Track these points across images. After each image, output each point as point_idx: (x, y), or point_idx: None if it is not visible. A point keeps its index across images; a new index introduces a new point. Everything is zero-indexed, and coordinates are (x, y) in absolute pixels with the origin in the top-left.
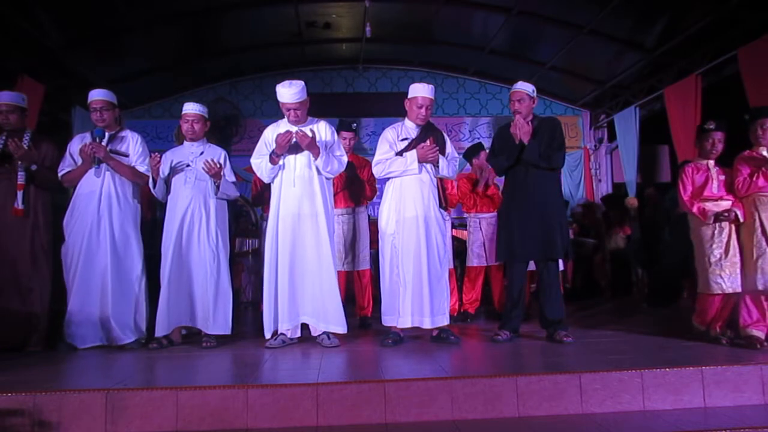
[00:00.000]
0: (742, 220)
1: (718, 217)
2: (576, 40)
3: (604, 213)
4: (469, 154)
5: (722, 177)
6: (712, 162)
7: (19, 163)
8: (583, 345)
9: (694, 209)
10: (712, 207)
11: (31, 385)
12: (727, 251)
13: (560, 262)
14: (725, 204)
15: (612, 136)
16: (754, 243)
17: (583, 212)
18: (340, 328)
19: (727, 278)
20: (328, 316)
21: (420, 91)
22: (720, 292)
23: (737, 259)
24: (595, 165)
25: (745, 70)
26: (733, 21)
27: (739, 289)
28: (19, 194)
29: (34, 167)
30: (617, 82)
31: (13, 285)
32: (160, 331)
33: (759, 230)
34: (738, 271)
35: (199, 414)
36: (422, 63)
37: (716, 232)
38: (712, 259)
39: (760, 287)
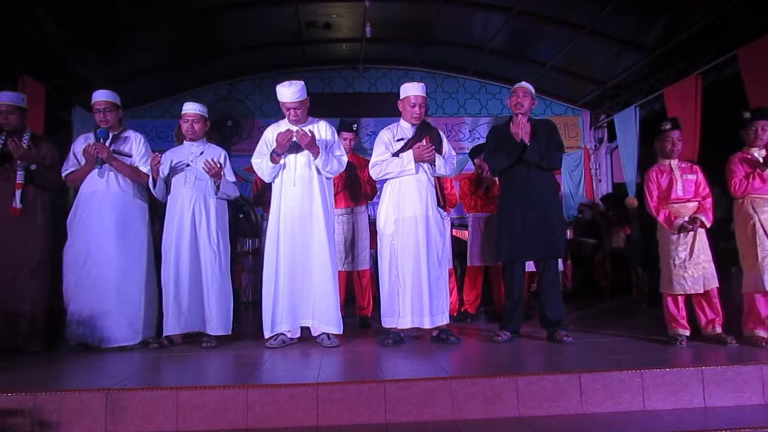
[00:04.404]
0: (708, 225)
1: (683, 228)
2: (576, 40)
3: (604, 213)
4: (474, 153)
5: (690, 176)
6: (675, 162)
7: (19, 162)
8: (583, 345)
9: (660, 217)
10: (679, 210)
11: (31, 385)
12: (691, 253)
13: (560, 262)
14: (692, 206)
15: (612, 136)
16: (757, 244)
17: (585, 212)
18: (336, 328)
19: (689, 279)
20: (325, 317)
21: (411, 89)
22: (682, 292)
23: (701, 259)
24: (595, 165)
25: (745, 70)
26: (733, 21)
27: (701, 290)
28: (17, 193)
29: (33, 167)
30: (617, 82)
31: (12, 285)
32: (167, 331)
33: (761, 231)
34: (701, 272)
35: (199, 414)
36: (422, 63)
37: (682, 233)
38: (677, 261)
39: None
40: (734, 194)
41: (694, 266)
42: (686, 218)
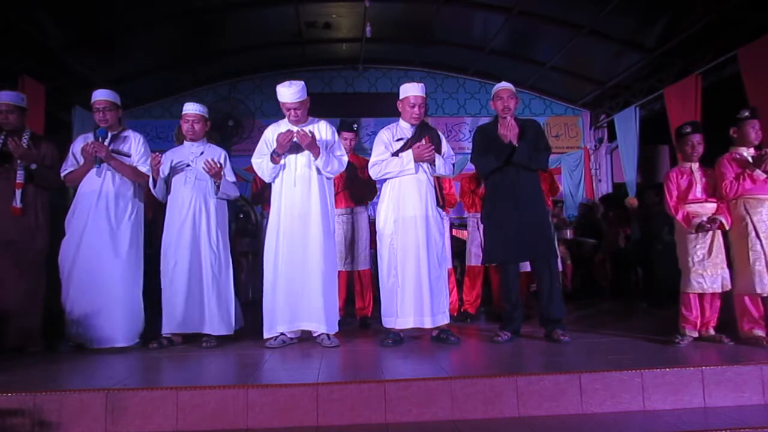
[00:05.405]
0: (728, 227)
1: (701, 227)
2: (576, 40)
3: (603, 213)
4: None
5: (705, 179)
6: (695, 165)
7: (19, 162)
8: (583, 345)
9: (679, 216)
10: (697, 210)
11: (31, 385)
12: (710, 252)
13: (559, 262)
14: (710, 206)
15: (612, 136)
16: (749, 246)
17: (584, 212)
18: (331, 328)
19: (708, 278)
20: (323, 317)
21: (411, 90)
22: (700, 291)
23: (719, 260)
24: (595, 165)
25: (745, 70)
26: (733, 21)
27: (719, 290)
28: (18, 193)
29: (33, 166)
30: (617, 82)
31: (11, 285)
32: (167, 331)
33: (753, 233)
34: (719, 271)
35: (199, 414)
36: (422, 63)
37: (700, 233)
38: (695, 259)
39: (758, 290)
40: (726, 197)
41: (712, 266)
42: (704, 218)
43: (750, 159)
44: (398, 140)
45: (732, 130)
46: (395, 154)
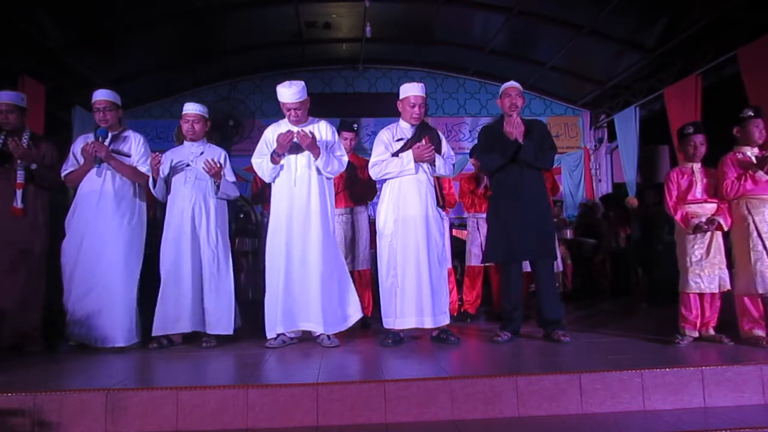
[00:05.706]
0: (726, 228)
1: (698, 228)
2: (576, 40)
3: (604, 213)
4: (474, 152)
5: (705, 180)
6: (697, 165)
7: (19, 162)
8: (583, 345)
9: (677, 216)
10: (697, 210)
11: (31, 385)
12: (708, 252)
13: (559, 263)
14: (710, 207)
15: (612, 136)
16: (751, 247)
17: (584, 212)
18: (330, 329)
19: (705, 278)
20: (321, 318)
21: (411, 90)
22: (698, 291)
23: (717, 260)
24: (595, 165)
25: (745, 70)
26: (733, 21)
27: (717, 290)
28: (18, 193)
29: (33, 166)
30: (617, 82)
31: (10, 285)
32: (157, 331)
33: (755, 233)
34: (717, 272)
35: (199, 414)
36: (422, 63)
37: (698, 234)
38: (693, 259)
39: (760, 291)
40: (726, 197)
41: (710, 266)
42: (703, 219)
43: (753, 159)
44: (398, 140)
45: (735, 129)
46: (395, 154)
